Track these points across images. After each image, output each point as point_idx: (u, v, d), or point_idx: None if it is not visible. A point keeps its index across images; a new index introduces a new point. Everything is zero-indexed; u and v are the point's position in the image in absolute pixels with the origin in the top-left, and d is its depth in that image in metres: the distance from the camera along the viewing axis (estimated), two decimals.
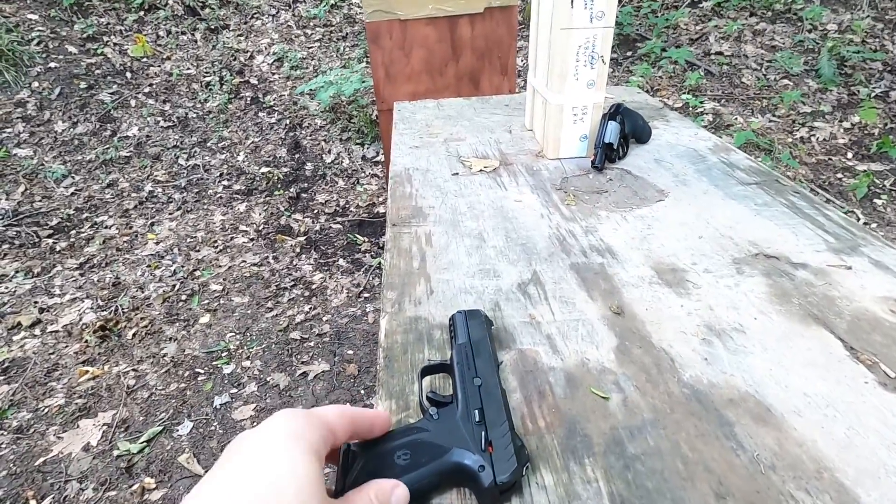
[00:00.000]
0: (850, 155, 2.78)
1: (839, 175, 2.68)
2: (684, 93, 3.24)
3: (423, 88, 2.06)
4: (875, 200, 2.51)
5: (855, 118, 2.94)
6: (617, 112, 0.86)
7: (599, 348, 0.47)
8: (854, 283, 0.54)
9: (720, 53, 3.47)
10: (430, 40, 1.97)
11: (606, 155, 0.84)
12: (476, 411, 0.36)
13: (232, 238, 2.44)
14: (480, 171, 0.85)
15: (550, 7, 0.80)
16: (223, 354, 1.79)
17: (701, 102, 3.16)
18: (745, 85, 3.27)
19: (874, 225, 2.39)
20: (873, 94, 3.03)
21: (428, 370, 0.42)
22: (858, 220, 2.40)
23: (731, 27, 3.54)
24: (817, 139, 2.88)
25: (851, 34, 3.33)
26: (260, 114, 3.39)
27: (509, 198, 0.76)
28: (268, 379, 1.71)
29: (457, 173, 0.84)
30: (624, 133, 0.87)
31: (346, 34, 3.98)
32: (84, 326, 1.85)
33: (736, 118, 3.06)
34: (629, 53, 3.59)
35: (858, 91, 3.07)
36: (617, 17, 3.73)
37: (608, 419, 0.40)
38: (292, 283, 2.14)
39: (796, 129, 2.95)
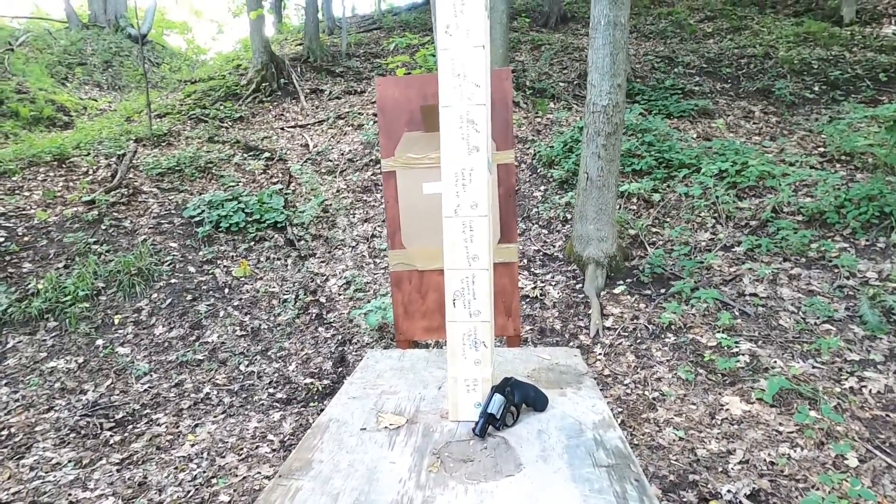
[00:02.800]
0: None
1: None
2: (718, 332, 3.26)
3: (437, 324, 2.35)
4: None
5: None
6: (506, 385, 1.02)
7: None
8: None
9: (755, 295, 3.54)
10: (442, 286, 2.32)
11: (490, 424, 0.97)
12: None
13: (257, 447, 2.62)
14: (385, 428, 1.01)
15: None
16: None
17: (736, 343, 3.14)
18: (782, 327, 3.23)
19: None
20: None
21: None
22: None
23: (765, 271, 3.68)
24: (870, 391, 2.67)
25: (893, 283, 3.30)
26: (319, 328, 3.87)
27: (387, 458, 0.90)
28: None
29: (364, 428, 1.01)
30: (514, 403, 1.01)
31: None
32: None
33: (775, 361, 2.96)
34: (662, 291, 3.78)
35: None
36: (650, 258, 4.06)
37: None
38: None
39: (844, 378, 2.77)
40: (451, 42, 0.94)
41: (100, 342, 3.52)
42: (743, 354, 3.05)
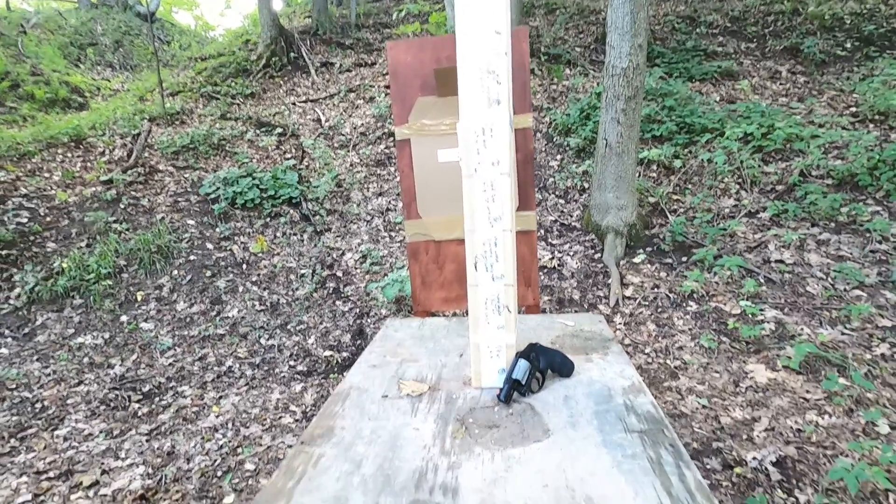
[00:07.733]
0: None
1: None
2: (742, 299, 3.18)
3: (455, 295, 2.33)
4: None
5: None
6: (531, 350, 0.99)
7: None
8: None
9: (781, 261, 3.44)
10: (460, 256, 2.29)
11: (515, 390, 0.94)
12: None
13: (280, 417, 2.66)
14: (407, 395, 0.99)
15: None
16: None
17: (761, 310, 3.06)
18: (810, 294, 3.14)
19: None
20: None
21: None
22: None
23: (791, 237, 3.56)
24: None
25: None
26: (337, 302, 3.88)
27: (411, 425, 0.88)
28: None
29: (386, 396, 0.99)
30: (539, 369, 0.98)
31: None
32: (128, 493, 2.05)
33: (801, 328, 2.89)
34: (684, 259, 3.70)
35: None
36: (670, 226, 3.96)
37: None
38: None
39: (875, 345, 2.69)
40: None
41: (124, 318, 3.58)
42: (768, 322, 2.97)
